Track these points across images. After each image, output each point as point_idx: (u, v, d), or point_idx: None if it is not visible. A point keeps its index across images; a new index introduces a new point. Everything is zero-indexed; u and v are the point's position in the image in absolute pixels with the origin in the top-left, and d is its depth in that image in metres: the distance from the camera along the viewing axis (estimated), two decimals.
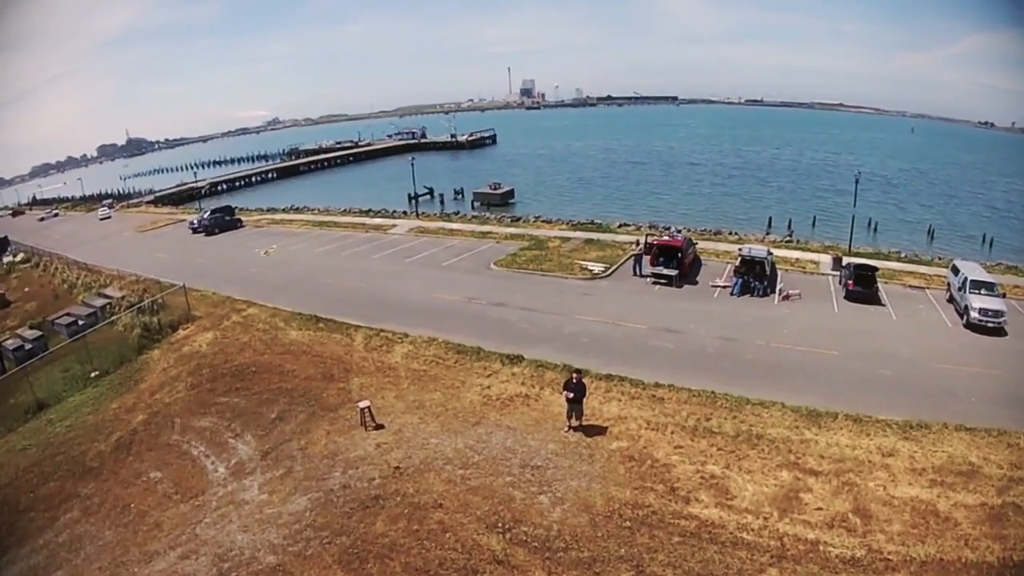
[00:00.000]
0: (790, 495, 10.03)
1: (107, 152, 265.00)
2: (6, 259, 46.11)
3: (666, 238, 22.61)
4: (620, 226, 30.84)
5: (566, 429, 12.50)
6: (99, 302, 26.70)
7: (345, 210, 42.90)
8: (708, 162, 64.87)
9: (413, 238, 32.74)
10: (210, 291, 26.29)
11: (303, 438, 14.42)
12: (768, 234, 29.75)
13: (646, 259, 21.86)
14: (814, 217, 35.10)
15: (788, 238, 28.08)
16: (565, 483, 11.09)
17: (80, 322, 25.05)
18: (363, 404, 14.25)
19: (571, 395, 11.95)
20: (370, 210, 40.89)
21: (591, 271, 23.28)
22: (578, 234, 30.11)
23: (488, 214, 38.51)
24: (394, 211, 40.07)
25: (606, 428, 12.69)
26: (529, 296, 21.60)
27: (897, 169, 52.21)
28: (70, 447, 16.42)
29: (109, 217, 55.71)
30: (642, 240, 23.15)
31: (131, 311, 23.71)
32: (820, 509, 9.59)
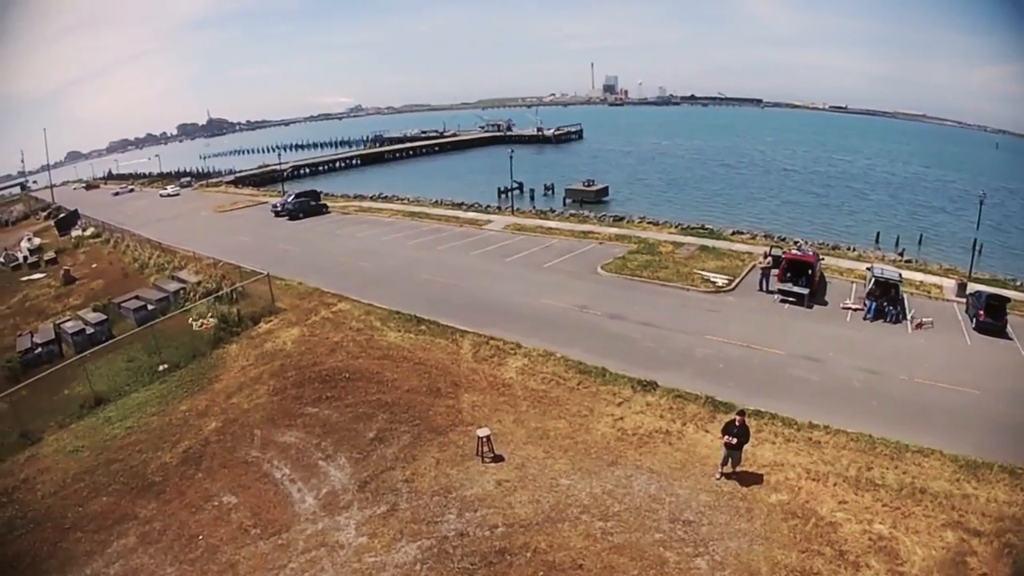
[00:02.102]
0: (957, 559, 15.05)
1: (187, 131, 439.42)
2: (75, 233, 73.91)
3: (796, 252, 34.45)
4: (733, 233, 47.68)
5: (717, 476, 18.29)
6: (172, 286, 39.79)
7: (436, 201, 69.63)
8: (802, 169, 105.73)
9: (510, 235, 50.87)
10: (295, 281, 39.94)
11: (408, 467, 20.08)
12: (879, 251, 47.77)
13: (773, 274, 33.53)
14: (920, 235, 56.73)
15: (901, 257, 44.12)
16: (723, 544, 15.86)
17: (150, 307, 36.75)
18: (483, 432, 19.91)
19: (733, 440, 17.58)
20: (463, 203, 66.98)
21: (714, 283, 35.13)
22: (689, 239, 45.62)
23: (586, 212, 61.34)
24: (488, 206, 66.69)
25: (762, 476, 18.48)
26: (649, 308, 32.32)
27: (992, 188, 71.75)
28: (129, 454, 22.85)
29: (176, 195, 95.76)
30: (769, 252, 35.33)
31: (208, 299, 35.00)
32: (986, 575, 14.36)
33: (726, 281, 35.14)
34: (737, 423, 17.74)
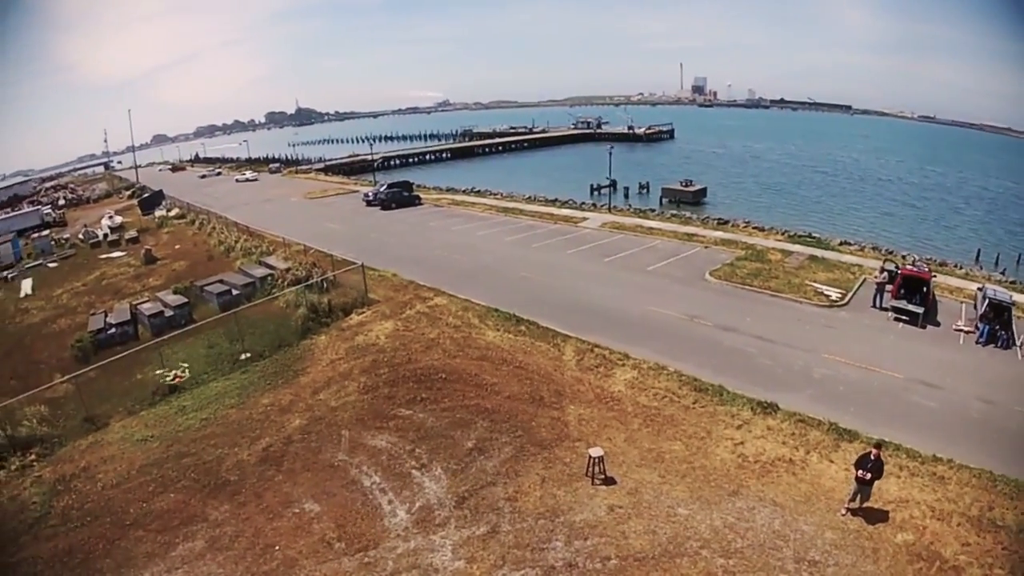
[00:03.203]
0: None
1: (275, 119, 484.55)
2: (159, 213, 79.24)
3: (911, 268, 35.54)
4: (841, 244, 48.23)
5: (843, 511, 18.05)
6: (259, 272, 41.48)
7: (530, 197, 73.17)
8: (896, 180, 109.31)
9: (608, 234, 51.76)
10: (389, 272, 41.48)
11: (511, 483, 19.77)
12: (981, 269, 48.38)
13: (887, 289, 33.87)
14: (1020, 255, 56.98)
15: (1004, 276, 45.29)
16: None
17: (235, 292, 38.14)
18: (596, 452, 19.65)
19: (868, 476, 17.48)
20: (556, 199, 70.05)
21: (828, 297, 35.38)
22: (797, 247, 46.31)
23: (688, 214, 63.45)
24: (583, 203, 69.69)
25: (887, 513, 18.06)
26: (762, 321, 31.94)
27: None
28: (203, 448, 23.00)
29: (254, 180, 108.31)
30: (884, 267, 35.88)
31: (298, 287, 36.27)
32: None
33: (839, 295, 35.56)
34: (872, 456, 17.66)
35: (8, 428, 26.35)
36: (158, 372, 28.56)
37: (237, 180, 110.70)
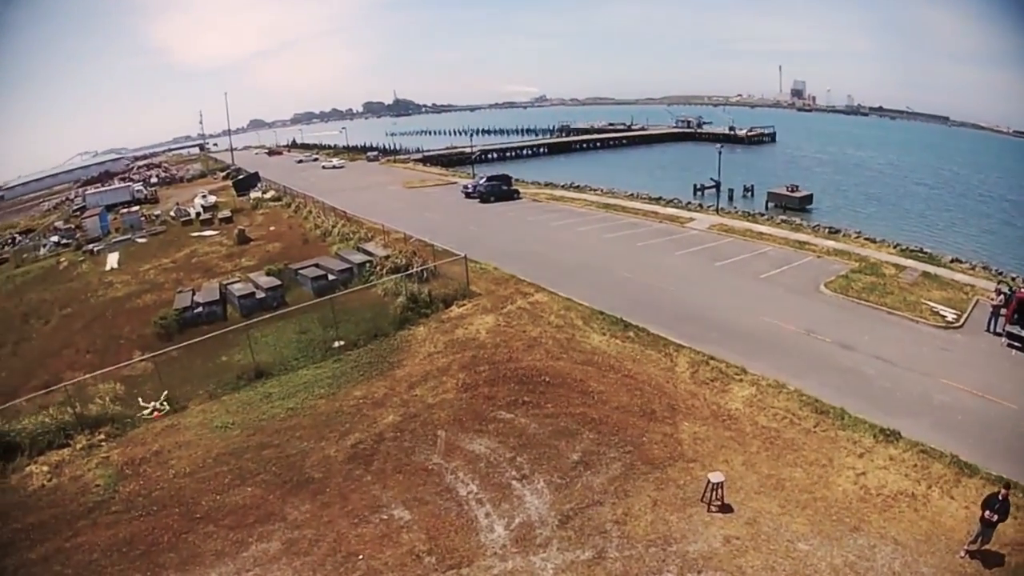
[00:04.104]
0: None
1: (373, 109, 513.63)
2: (254, 194, 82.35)
3: None
4: (952, 261, 47.35)
5: (962, 553, 17.36)
6: (357, 258, 42.07)
7: (632, 194, 72.99)
8: (997, 197, 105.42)
9: (716, 236, 51.08)
10: (490, 265, 41.43)
11: (620, 504, 18.99)
12: None
13: (1002, 313, 32.55)
14: None
15: None
16: None
17: (331, 277, 38.74)
18: (716, 478, 18.89)
19: (994, 517, 16.97)
20: (661, 198, 69.65)
21: (943, 317, 34.32)
22: (910, 262, 45.14)
23: (798, 220, 62.06)
24: (688, 202, 69.39)
25: (1003, 557, 17.35)
26: (879, 339, 30.52)
27: None
28: (287, 440, 22.78)
29: (340, 167, 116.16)
30: (1000, 288, 34.78)
31: (397, 275, 36.58)
32: None
33: (955, 316, 34.45)
34: (1001, 497, 16.92)
35: (77, 405, 26.17)
36: (140, 403, 27.46)
37: (323, 167, 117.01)
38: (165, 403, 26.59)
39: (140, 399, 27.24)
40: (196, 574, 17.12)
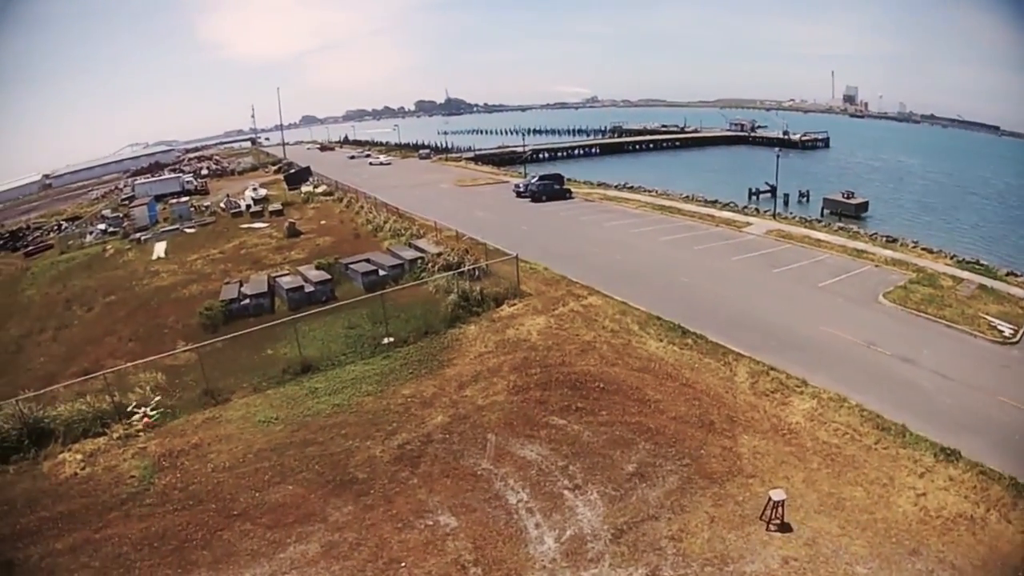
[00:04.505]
0: None
1: (424, 108, 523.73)
2: (305, 188, 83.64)
3: None
4: (1008, 274, 47.23)
5: None
6: (409, 254, 42.31)
7: (687, 196, 72.48)
8: None
9: (774, 242, 50.64)
10: (541, 265, 41.26)
11: (676, 520, 18.44)
12: None
13: None
14: None
15: None
16: None
17: (382, 272, 39.18)
18: (778, 495, 18.40)
19: None
20: (717, 201, 69.60)
21: (1001, 332, 33.88)
22: (967, 274, 44.57)
23: (855, 228, 62.15)
24: (744, 206, 69.57)
25: None
26: (939, 354, 29.68)
27: None
28: (331, 438, 22.56)
29: (388, 164, 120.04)
30: None
31: (448, 273, 36.68)
32: None
33: (1012, 331, 33.87)
34: None
35: (116, 393, 26.13)
36: (129, 409, 26.70)
37: (371, 163, 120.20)
38: (154, 411, 26.04)
39: (134, 402, 26.87)
40: (229, 574, 16.87)
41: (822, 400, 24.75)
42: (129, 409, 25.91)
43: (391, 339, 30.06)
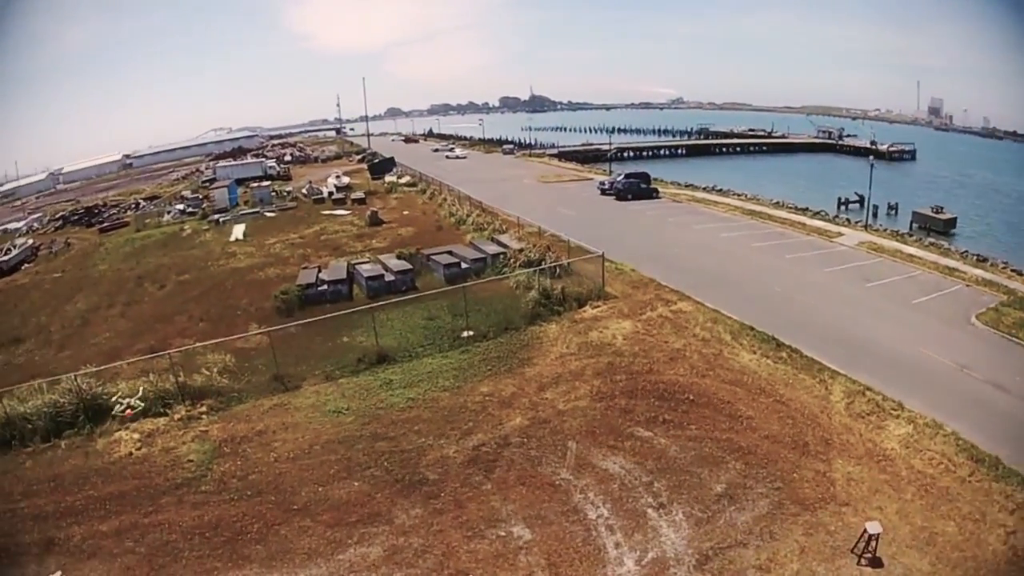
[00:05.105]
0: None
1: (509, 104, 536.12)
2: (388, 178, 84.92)
3: None
4: None
5: None
6: (491, 248, 42.21)
7: (777, 203, 71.29)
8: None
9: (866, 255, 49.37)
10: (627, 266, 40.19)
11: (765, 548, 17.45)
12: None
13: None
14: None
15: None
16: None
17: (463, 265, 39.12)
18: (874, 528, 17.57)
19: None
20: (807, 208, 68.38)
21: None
22: None
23: (946, 244, 60.75)
24: (835, 216, 68.53)
25: None
26: None
27: None
28: (403, 434, 22.26)
29: (463, 158, 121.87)
30: None
31: (530, 269, 36.26)
32: None
33: None
34: None
35: (181, 373, 25.88)
36: (112, 400, 26.04)
37: (447, 157, 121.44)
38: (139, 402, 25.43)
39: (119, 393, 26.35)
40: (283, 573, 16.54)
41: (918, 426, 23.76)
42: (113, 400, 25.55)
43: (470, 333, 29.80)
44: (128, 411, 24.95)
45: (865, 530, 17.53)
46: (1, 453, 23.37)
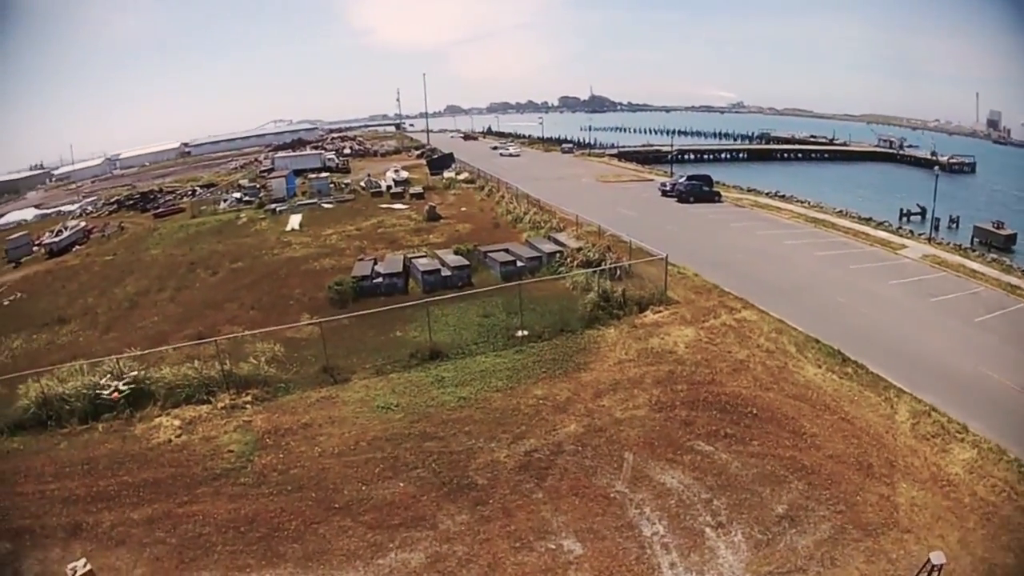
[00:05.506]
0: None
1: (568, 104, 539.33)
2: (447, 174, 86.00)
3: None
4: None
5: None
6: (547, 247, 41.97)
7: (840, 211, 70.32)
8: None
9: (929, 269, 48.53)
10: (690, 271, 39.63)
11: (825, 574, 16.78)
12: None
13: None
14: None
15: None
16: None
17: (519, 263, 38.95)
18: (938, 559, 16.74)
19: None
20: (871, 219, 67.54)
21: None
22: None
23: (1008, 262, 58.94)
24: (898, 228, 67.86)
25: None
26: None
27: None
28: (453, 435, 21.81)
29: (517, 155, 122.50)
30: None
31: (588, 270, 35.78)
32: None
33: None
34: None
35: (228, 361, 25.60)
36: (101, 382, 25.59)
37: (501, 154, 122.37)
38: (126, 387, 24.95)
39: (107, 376, 25.86)
40: (318, 574, 16.14)
41: (982, 451, 22.92)
42: (103, 382, 25.18)
43: (525, 332, 29.39)
44: (115, 394, 24.63)
45: (928, 560, 16.84)
46: (36, 433, 23.47)
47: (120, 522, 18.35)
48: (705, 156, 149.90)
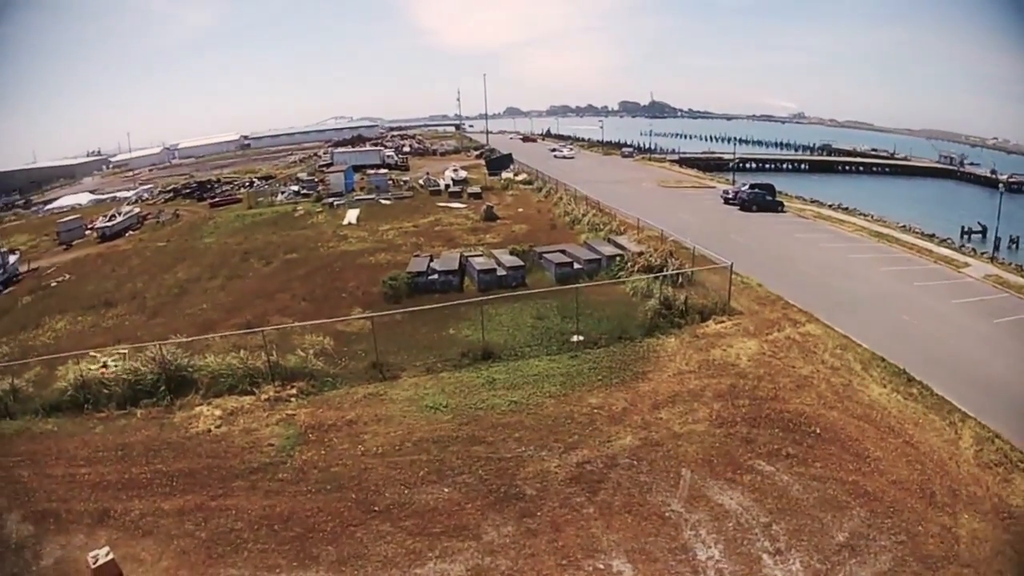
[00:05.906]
0: None
1: (628, 108, 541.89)
2: (505, 175, 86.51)
3: None
4: None
5: None
6: (607, 250, 41.10)
7: (904, 226, 69.62)
8: None
9: (993, 289, 47.15)
10: (754, 281, 38.61)
11: None
12: None
13: None
14: None
15: None
16: None
17: (576, 266, 38.26)
18: None
19: None
20: (934, 235, 66.69)
21: None
22: None
23: None
24: (961, 245, 67.04)
25: None
26: None
27: None
28: (502, 440, 21.22)
29: (571, 157, 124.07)
30: None
31: (649, 275, 34.98)
32: None
33: None
34: None
35: (275, 352, 25.28)
36: (92, 355, 25.85)
37: (555, 156, 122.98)
38: (114, 363, 24.95)
39: (96, 353, 26.02)
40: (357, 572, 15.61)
41: None
42: (100, 358, 25.27)
43: (581, 337, 28.53)
44: (103, 370, 24.46)
45: None
46: (72, 416, 23.35)
47: (150, 511, 18.09)
48: (766, 166, 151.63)
